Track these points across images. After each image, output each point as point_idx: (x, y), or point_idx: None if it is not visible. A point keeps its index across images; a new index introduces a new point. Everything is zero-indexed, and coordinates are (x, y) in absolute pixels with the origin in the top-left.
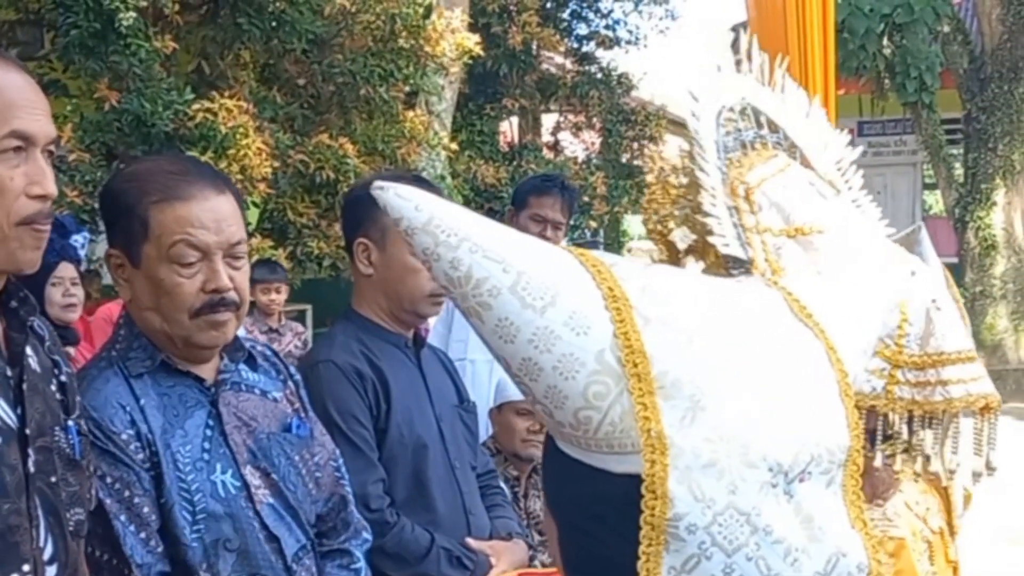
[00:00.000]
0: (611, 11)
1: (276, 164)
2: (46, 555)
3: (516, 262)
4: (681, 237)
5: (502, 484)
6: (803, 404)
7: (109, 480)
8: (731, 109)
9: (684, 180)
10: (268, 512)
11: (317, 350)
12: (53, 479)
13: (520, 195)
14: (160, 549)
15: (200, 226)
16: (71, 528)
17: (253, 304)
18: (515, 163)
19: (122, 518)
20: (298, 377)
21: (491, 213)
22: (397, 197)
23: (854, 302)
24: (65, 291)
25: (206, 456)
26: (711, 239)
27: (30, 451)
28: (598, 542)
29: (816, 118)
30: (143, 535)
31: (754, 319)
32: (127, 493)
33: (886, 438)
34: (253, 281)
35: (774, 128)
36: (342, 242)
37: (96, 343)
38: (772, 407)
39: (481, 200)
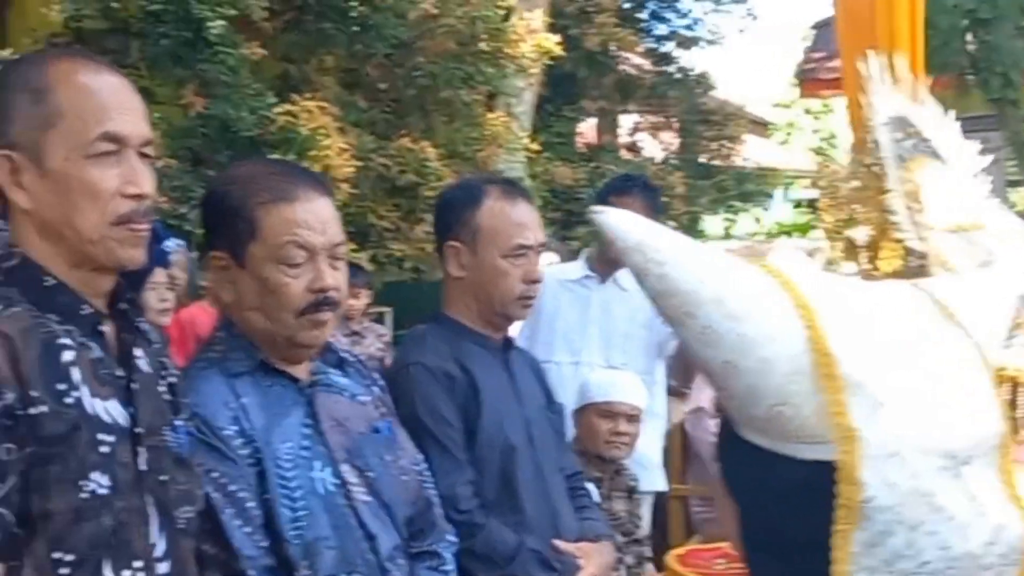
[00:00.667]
0: (690, 11)
1: (358, 167)
2: (158, 552)
3: (715, 276)
4: (860, 234)
5: (590, 486)
6: (964, 397)
7: (215, 475)
8: (893, 120)
9: (857, 184)
10: (364, 510)
11: (407, 352)
12: (163, 478)
13: (602, 196)
14: (264, 544)
15: (307, 227)
16: (181, 526)
17: None
18: (593, 164)
19: (228, 511)
20: (382, 383)
21: (569, 214)
22: (613, 220)
23: (988, 296)
24: (160, 296)
25: (305, 453)
26: (897, 234)
27: (141, 450)
28: (782, 520)
29: (951, 128)
30: (248, 529)
31: (913, 321)
32: (232, 487)
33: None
34: None
35: (923, 137)
36: (423, 245)
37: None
38: (939, 401)
39: (558, 202)
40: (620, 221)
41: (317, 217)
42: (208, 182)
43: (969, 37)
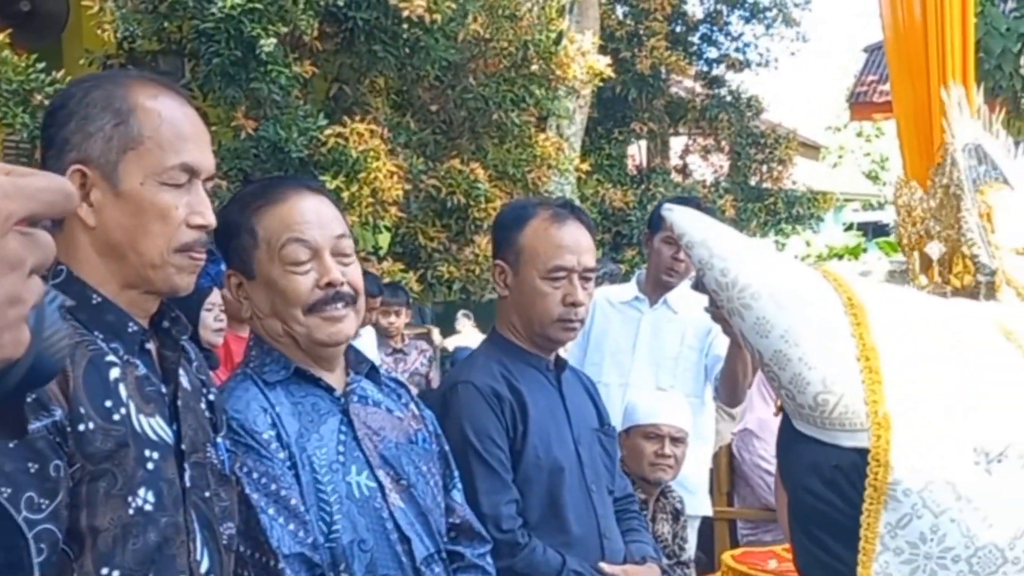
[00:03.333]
0: (742, 34)
1: (408, 188)
2: (203, 568)
3: (772, 272)
4: (935, 250)
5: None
6: (1003, 401)
7: (255, 475)
8: (970, 147)
9: (933, 204)
10: (400, 514)
11: (458, 371)
12: (207, 494)
13: (655, 217)
14: (311, 540)
15: (304, 221)
16: (224, 542)
17: (375, 327)
18: (643, 187)
19: (270, 511)
20: (419, 401)
21: (619, 236)
22: (681, 217)
23: None
24: (216, 316)
25: (341, 459)
26: (971, 250)
27: (186, 466)
28: (827, 504)
29: (1020, 157)
30: (291, 527)
31: (964, 330)
32: (274, 487)
33: None
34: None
35: (994, 164)
36: (472, 266)
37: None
38: (977, 403)
39: (609, 224)
40: (688, 218)
41: (313, 212)
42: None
43: (1022, 60)
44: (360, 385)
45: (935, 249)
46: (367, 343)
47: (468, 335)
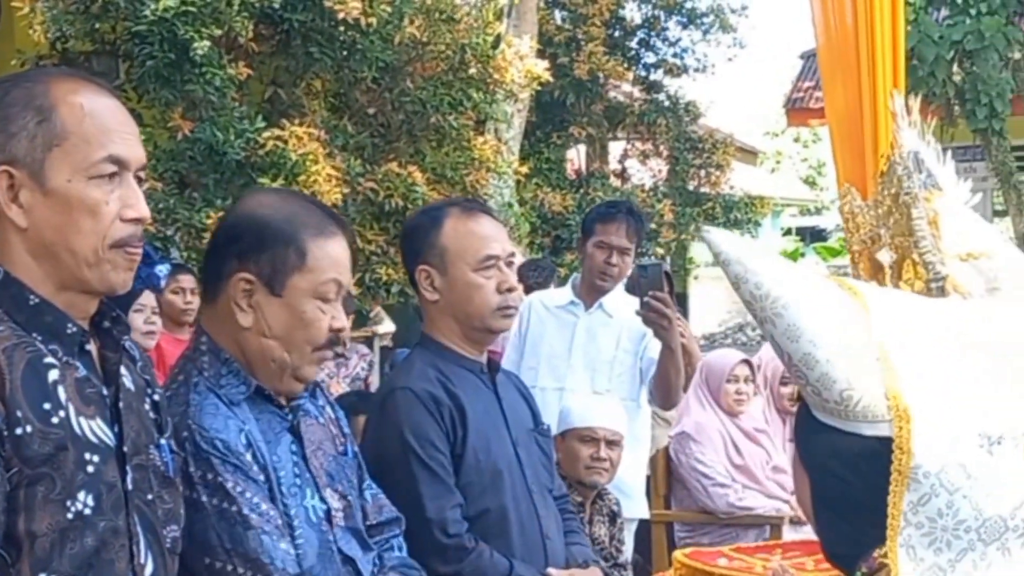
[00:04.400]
0: (679, 39)
1: (346, 191)
2: (147, 571)
3: (800, 285)
4: (885, 256)
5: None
6: (1001, 390)
7: (239, 489)
8: (912, 155)
9: (882, 211)
10: (341, 535)
11: (395, 377)
12: (150, 496)
13: (587, 223)
14: (293, 553)
15: (344, 266)
16: (168, 545)
17: None
18: (582, 191)
19: (264, 528)
20: (336, 406)
21: (558, 240)
22: (716, 237)
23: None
24: (147, 318)
25: (298, 481)
26: (924, 256)
27: (128, 469)
28: (849, 486)
29: (948, 164)
30: (283, 545)
31: (967, 326)
32: (265, 506)
33: None
34: None
35: (930, 172)
36: None
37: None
38: (982, 392)
39: (548, 228)
40: (723, 239)
41: (347, 258)
42: (235, 202)
43: (955, 68)
44: (302, 399)
45: (885, 256)
46: None
47: None
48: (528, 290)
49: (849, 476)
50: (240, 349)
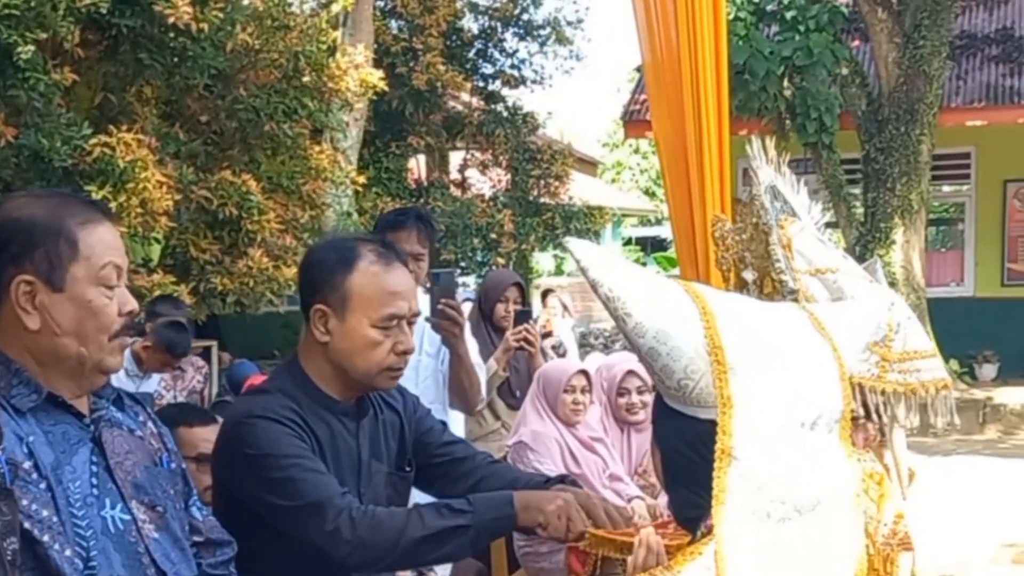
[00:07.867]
0: (516, 51)
1: (178, 199)
2: None
3: (646, 288)
4: (750, 274)
5: None
6: (816, 382)
7: (25, 503)
8: (769, 188)
9: (745, 237)
10: (155, 547)
11: (252, 404)
12: None
13: (379, 229)
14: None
15: (119, 248)
16: (9, 557)
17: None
18: (422, 200)
19: (55, 546)
20: (159, 422)
21: None
22: (577, 247)
23: (852, 321)
24: None
25: (95, 491)
26: (779, 276)
27: None
28: (690, 461)
29: (801, 192)
30: (67, 553)
31: (789, 328)
32: (45, 514)
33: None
34: (154, 315)
35: (787, 200)
36: (246, 279)
37: None
38: (798, 383)
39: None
40: (582, 248)
41: (118, 240)
42: None
43: (786, 83)
44: (108, 409)
45: (750, 274)
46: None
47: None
48: None
49: (690, 453)
50: (32, 355)
